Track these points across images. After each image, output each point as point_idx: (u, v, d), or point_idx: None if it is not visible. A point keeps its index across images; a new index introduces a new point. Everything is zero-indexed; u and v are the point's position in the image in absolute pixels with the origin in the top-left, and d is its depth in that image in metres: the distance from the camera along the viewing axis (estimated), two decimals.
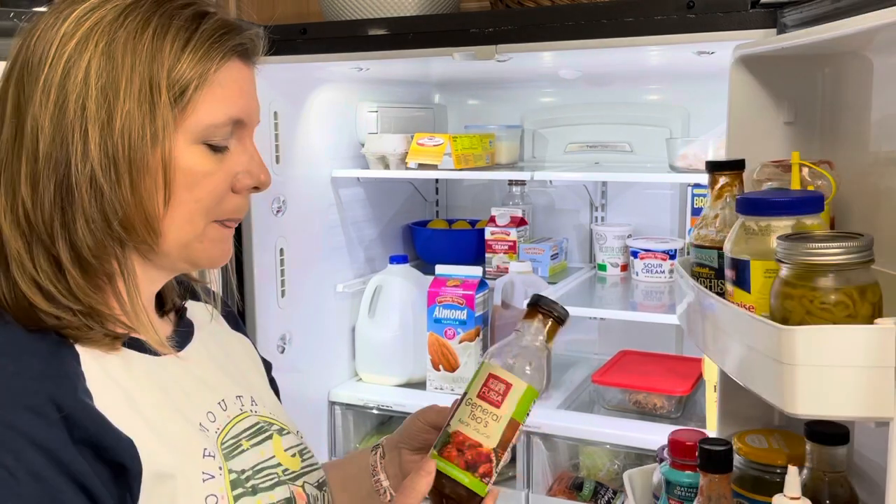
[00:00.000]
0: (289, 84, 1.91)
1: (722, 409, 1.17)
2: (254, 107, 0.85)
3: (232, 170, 0.82)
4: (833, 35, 0.85)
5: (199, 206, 0.80)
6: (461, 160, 2.03)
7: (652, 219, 2.27)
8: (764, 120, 1.11)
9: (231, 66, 0.81)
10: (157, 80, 0.76)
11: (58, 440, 0.69)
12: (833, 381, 0.69)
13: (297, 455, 0.93)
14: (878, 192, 0.99)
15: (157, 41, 0.76)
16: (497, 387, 0.87)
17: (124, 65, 0.75)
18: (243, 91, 0.82)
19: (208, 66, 0.78)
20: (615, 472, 1.95)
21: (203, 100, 0.78)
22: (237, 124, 0.82)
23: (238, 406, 0.90)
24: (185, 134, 0.78)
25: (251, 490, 0.83)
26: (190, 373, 0.87)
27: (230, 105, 0.80)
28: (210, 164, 0.80)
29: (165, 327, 0.90)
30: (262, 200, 1.86)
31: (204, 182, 0.80)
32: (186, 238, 0.81)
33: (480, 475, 0.84)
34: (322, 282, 2.11)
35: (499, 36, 1.53)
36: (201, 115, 0.78)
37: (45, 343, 0.75)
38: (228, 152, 0.82)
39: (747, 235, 0.85)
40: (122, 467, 0.72)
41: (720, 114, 1.16)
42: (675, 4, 1.37)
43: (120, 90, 0.75)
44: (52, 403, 0.69)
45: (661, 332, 2.16)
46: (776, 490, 0.84)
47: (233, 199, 0.83)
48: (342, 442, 2.16)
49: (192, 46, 0.77)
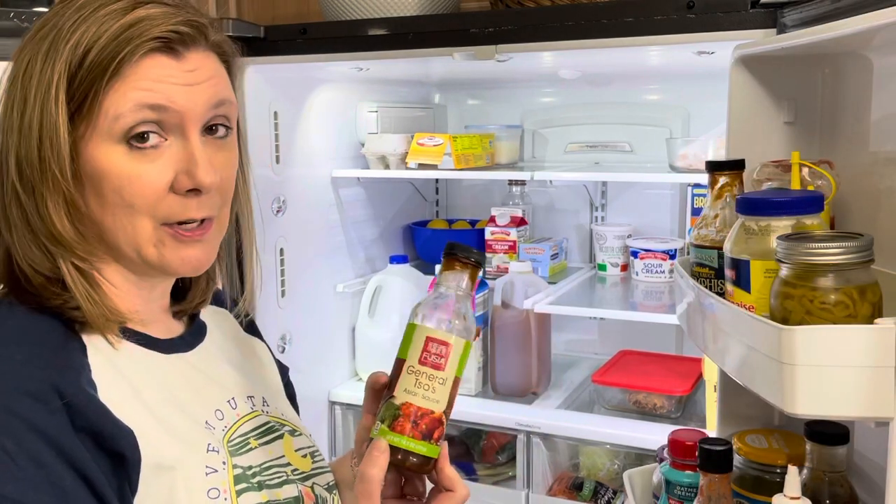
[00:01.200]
0: (289, 84, 1.91)
1: (722, 409, 1.17)
2: (183, 96, 0.76)
3: (169, 168, 0.76)
4: (833, 35, 0.85)
5: (134, 210, 0.76)
6: (461, 160, 2.03)
7: (652, 219, 2.27)
8: (764, 120, 1.11)
9: (145, 63, 0.74)
10: (56, 85, 0.73)
11: (59, 427, 0.69)
12: (833, 381, 0.69)
13: (308, 456, 0.94)
14: (878, 192, 0.99)
15: (65, 43, 0.74)
16: (437, 349, 0.84)
17: (36, 69, 0.74)
18: (161, 82, 0.75)
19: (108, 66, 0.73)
20: (615, 472, 1.95)
21: (108, 98, 0.74)
22: (160, 113, 0.75)
23: (249, 405, 0.90)
24: (100, 136, 0.74)
25: (256, 486, 0.83)
26: (199, 370, 0.87)
27: (139, 94, 0.74)
28: (136, 165, 0.75)
29: (177, 327, 0.90)
30: (262, 200, 1.85)
31: (131, 183, 0.75)
32: (136, 243, 0.78)
33: (435, 440, 0.83)
34: (322, 282, 2.11)
35: (499, 36, 1.53)
36: (108, 110, 0.74)
37: (54, 334, 0.75)
38: (161, 151, 0.76)
39: (747, 235, 0.85)
40: (122, 457, 0.73)
41: (720, 114, 1.16)
42: (675, 4, 1.37)
43: (31, 96, 0.74)
44: (54, 391, 0.70)
45: (661, 332, 2.16)
46: (776, 490, 0.84)
47: (175, 201, 0.77)
48: (342, 442, 2.15)
49: (98, 44, 0.73)
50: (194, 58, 0.78)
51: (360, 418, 0.95)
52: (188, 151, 0.77)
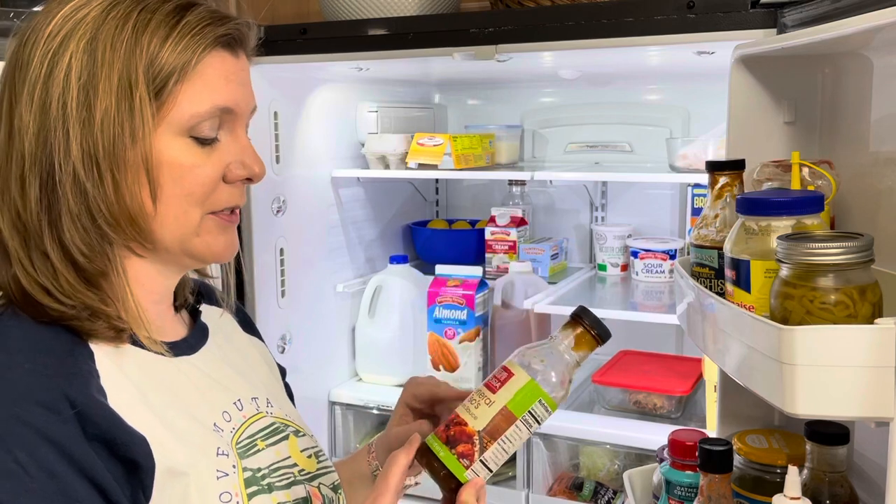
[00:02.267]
0: (289, 84, 1.91)
1: (722, 409, 1.17)
2: (243, 96, 0.83)
3: (222, 161, 0.81)
4: (833, 35, 0.85)
5: (190, 199, 0.80)
6: (461, 160, 2.03)
7: (652, 219, 2.27)
8: (764, 120, 1.11)
9: (214, 57, 0.79)
10: (135, 76, 0.75)
11: (71, 436, 0.69)
12: (833, 381, 0.69)
13: (314, 457, 0.94)
14: (878, 192, 0.99)
15: (137, 36, 0.76)
16: (500, 375, 0.86)
17: (104, 62, 0.75)
18: (229, 80, 0.81)
19: (189, 58, 0.77)
20: (615, 472, 1.95)
21: (185, 92, 0.77)
22: (225, 113, 0.81)
23: (254, 406, 0.90)
24: (169, 127, 0.77)
25: (266, 488, 0.83)
26: (204, 373, 0.87)
27: (214, 94, 0.79)
28: (197, 157, 0.79)
29: (180, 329, 0.90)
30: (262, 200, 1.86)
31: (192, 175, 0.79)
32: (182, 232, 0.81)
33: (458, 454, 0.83)
34: (322, 282, 2.11)
35: (499, 36, 1.53)
36: (184, 107, 0.78)
37: (60, 341, 0.75)
38: (218, 143, 0.81)
39: (747, 235, 0.85)
40: (136, 464, 0.73)
41: (720, 114, 1.16)
42: (675, 4, 1.37)
43: (99, 87, 0.75)
44: (65, 400, 0.70)
45: (661, 332, 2.16)
46: (776, 490, 0.84)
47: (225, 190, 0.82)
48: (342, 442, 2.15)
49: (172, 39, 0.77)
50: (243, 58, 0.84)
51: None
52: (240, 144, 0.83)
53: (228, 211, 0.84)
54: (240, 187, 0.84)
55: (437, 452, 0.83)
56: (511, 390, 0.84)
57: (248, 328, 1.05)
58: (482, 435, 0.83)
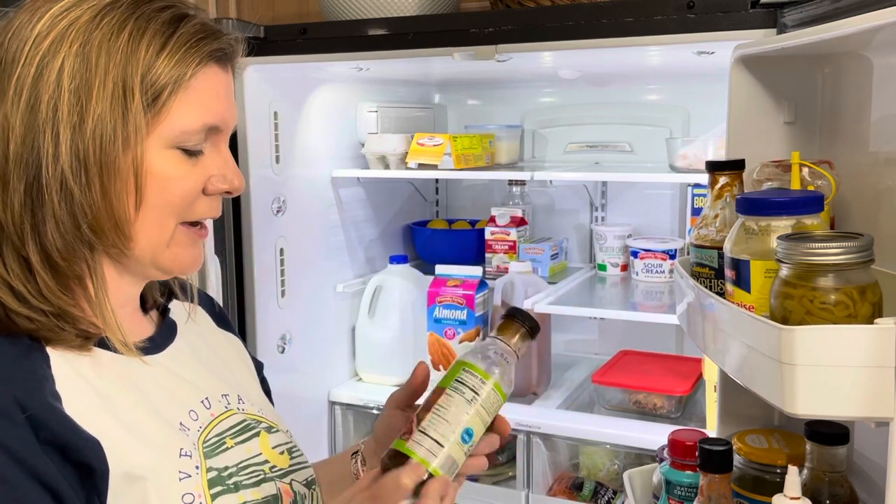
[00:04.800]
0: (289, 84, 1.91)
1: (722, 409, 1.17)
2: (230, 112, 0.84)
3: (205, 173, 0.82)
4: (833, 35, 0.85)
5: (169, 209, 0.80)
6: (461, 160, 2.03)
7: (652, 219, 2.27)
8: (764, 120, 1.11)
9: (208, 72, 0.80)
10: (130, 84, 0.75)
11: (23, 441, 0.69)
12: (833, 381, 0.69)
13: (286, 453, 0.93)
14: (878, 192, 0.99)
15: (133, 44, 0.76)
16: None
17: (98, 67, 0.75)
18: (220, 97, 0.82)
19: (184, 71, 0.77)
20: (615, 472, 1.95)
21: (178, 105, 0.78)
22: (212, 130, 0.81)
23: (223, 404, 0.89)
24: (158, 138, 0.77)
25: (233, 487, 0.82)
26: (171, 372, 0.86)
27: (205, 111, 0.80)
28: (182, 169, 0.80)
29: (147, 328, 0.89)
30: (262, 200, 1.86)
31: (176, 186, 0.79)
32: (156, 242, 0.80)
33: (401, 434, 0.85)
34: (322, 282, 2.11)
35: (499, 36, 1.53)
36: (175, 121, 0.78)
37: (16, 346, 0.74)
38: (202, 156, 0.82)
39: (747, 235, 0.85)
40: (89, 468, 0.72)
41: (720, 114, 1.16)
42: (675, 4, 1.37)
43: (93, 92, 0.74)
44: (16, 405, 0.69)
45: (661, 332, 2.16)
46: (776, 490, 0.84)
47: (204, 202, 0.83)
48: (342, 442, 2.15)
49: (168, 50, 0.77)
50: (230, 73, 0.85)
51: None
52: (222, 158, 0.84)
53: (200, 225, 0.85)
54: (217, 199, 0.85)
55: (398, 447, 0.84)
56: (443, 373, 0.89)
57: (222, 323, 1.04)
58: (419, 413, 0.86)
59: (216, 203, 0.85)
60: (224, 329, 1.04)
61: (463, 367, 0.87)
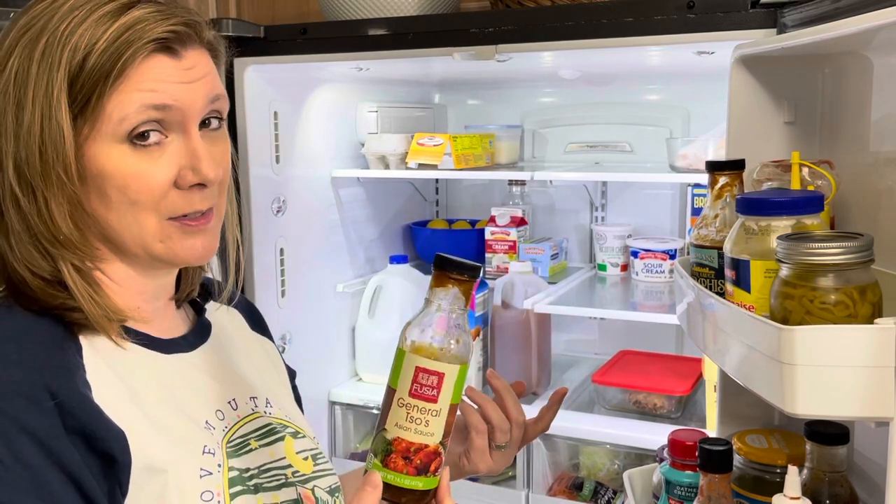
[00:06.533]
0: (289, 84, 1.91)
1: (722, 409, 1.17)
2: (185, 94, 0.77)
3: (171, 165, 0.77)
4: (833, 35, 0.85)
5: (137, 207, 0.77)
6: (461, 160, 2.03)
7: (652, 219, 2.27)
8: (764, 120, 1.11)
9: (147, 63, 0.75)
10: (58, 90, 0.73)
11: (50, 428, 0.69)
12: (833, 381, 0.69)
13: (311, 459, 0.93)
14: (878, 192, 0.99)
15: (62, 47, 0.73)
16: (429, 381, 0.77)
17: (31, 75, 0.73)
18: (164, 81, 0.76)
19: (112, 68, 0.73)
20: (615, 472, 1.95)
21: (112, 101, 0.74)
22: (164, 112, 0.76)
23: (250, 406, 0.90)
24: (103, 137, 0.75)
25: (252, 488, 0.82)
26: (201, 371, 0.87)
27: (145, 95, 0.75)
28: (140, 164, 0.76)
29: (181, 326, 0.90)
30: (262, 200, 1.86)
31: (136, 182, 0.76)
32: (142, 238, 0.79)
33: (432, 472, 0.78)
34: (322, 282, 2.11)
35: (499, 36, 1.53)
36: (111, 113, 0.74)
37: (51, 333, 0.75)
38: (163, 148, 0.77)
39: (747, 235, 0.85)
40: (112, 459, 0.72)
41: (720, 114, 1.15)
42: (675, 4, 1.37)
43: (28, 101, 0.73)
44: (46, 391, 0.70)
45: (661, 332, 2.16)
46: (776, 490, 0.84)
47: (179, 196, 0.78)
48: (342, 442, 2.16)
49: (98, 48, 0.73)
50: (191, 55, 0.78)
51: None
52: (190, 147, 0.78)
53: (199, 214, 0.80)
54: (197, 192, 0.79)
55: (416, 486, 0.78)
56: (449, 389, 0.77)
57: (258, 327, 1.04)
58: (443, 442, 0.79)
59: (198, 196, 0.79)
60: (259, 333, 1.04)
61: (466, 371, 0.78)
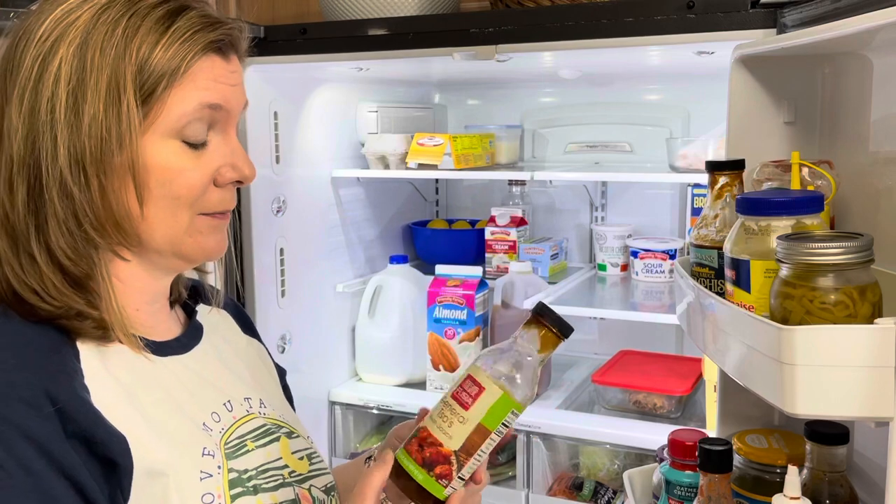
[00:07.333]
0: (289, 84, 1.91)
1: (722, 409, 1.17)
2: (233, 94, 0.83)
3: (212, 164, 0.82)
4: (833, 35, 0.85)
5: (178, 203, 0.80)
6: (461, 160, 2.03)
7: (652, 219, 2.27)
8: (764, 120, 1.11)
9: (204, 62, 0.79)
10: (123, 82, 0.75)
11: (50, 433, 0.69)
12: (833, 381, 0.69)
13: (306, 458, 0.93)
14: (878, 192, 0.99)
15: (126, 41, 0.76)
16: (470, 389, 0.83)
17: (93, 67, 0.75)
18: (218, 81, 0.81)
19: (178, 64, 0.77)
20: (615, 472, 1.95)
21: (174, 96, 0.78)
22: (214, 110, 0.81)
23: (245, 407, 0.90)
24: (157, 132, 0.78)
25: (252, 490, 0.83)
26: (195, 373, 0.87)
27: (202, 93, 0.79)
28: (186, 160, 0.80)
29: (174, 328, 0.90)
30: (262, 200, 1.86)
31: (181, 178, 0.79)
32: (174, 233, 0.81)
33: (436, 475, 0.81)
34: (322, 282, 2.11)
35: (499, 36, 1.53)
36: (172, 109, 0.78)
37: (48, 339, 0.75)
38: (207, 147, 0.81)
39: (747, 235, 0.85)
40: (114, 463, 0.73)
41: (720, 114, 1.16)
42: (675, 4, 1.37)
43: (87, 92, 0.75)
44: (46, 396, 0.70)
45: (661, 332, 2.16)
46: (776, 490, 0.84)
47: (216, 193, 0.83)
48: (342, 442, 2.16)
49: (161, 46, 0.77)
50: (234, 61, 0.84)
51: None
52: (231, 146, 0.84)
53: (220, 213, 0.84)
54: (230, 190, 0.85)
55: (416, 476, 0.82)
56: (484, 406, 0.82)
57: (247, 329, 1.05)
58: (459, 454, 0.81)
59: (230, 194, 0.85)
60: (249, 335, 1.04)
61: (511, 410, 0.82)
